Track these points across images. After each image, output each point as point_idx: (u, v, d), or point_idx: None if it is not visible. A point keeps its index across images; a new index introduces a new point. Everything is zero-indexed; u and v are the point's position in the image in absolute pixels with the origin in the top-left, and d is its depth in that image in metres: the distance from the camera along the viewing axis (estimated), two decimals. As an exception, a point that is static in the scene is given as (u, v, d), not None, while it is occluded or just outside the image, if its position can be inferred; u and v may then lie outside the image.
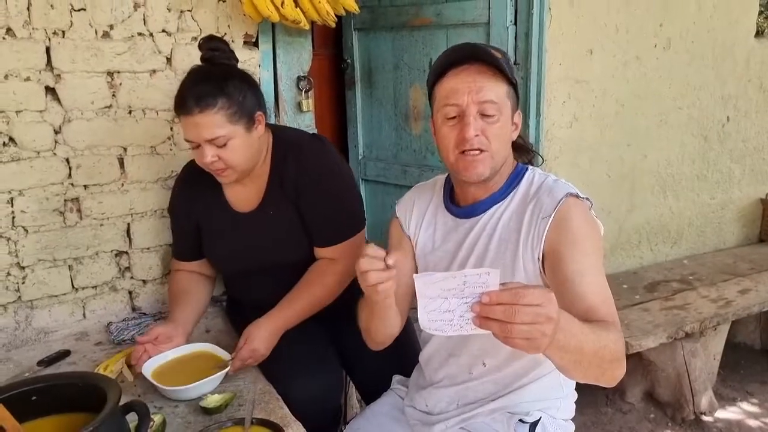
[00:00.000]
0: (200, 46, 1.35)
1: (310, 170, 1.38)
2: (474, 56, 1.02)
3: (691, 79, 2.63)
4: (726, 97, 2.76)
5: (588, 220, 1.04)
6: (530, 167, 1.15)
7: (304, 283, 1.41)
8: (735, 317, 2.27)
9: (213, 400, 1.18)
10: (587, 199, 1.07)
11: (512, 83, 1.05)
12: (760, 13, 2.78)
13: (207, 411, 1.16)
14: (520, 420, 1.12)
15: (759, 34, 2.79)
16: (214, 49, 1.33)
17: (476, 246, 1.11)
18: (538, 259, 1.03)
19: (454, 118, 1.03)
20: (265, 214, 1.42)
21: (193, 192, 1.45)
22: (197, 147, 1.28)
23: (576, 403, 1.22)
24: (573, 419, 1.21)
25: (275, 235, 1.43)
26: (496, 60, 1.01)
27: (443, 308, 0.75)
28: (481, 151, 1.02)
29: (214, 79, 1.26)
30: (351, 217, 1.44)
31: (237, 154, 1.28)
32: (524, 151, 1.20)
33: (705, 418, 2.20)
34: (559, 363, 0.83)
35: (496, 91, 1.02)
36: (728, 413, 2.27)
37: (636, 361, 2.22)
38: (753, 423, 2.22)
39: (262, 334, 1.34)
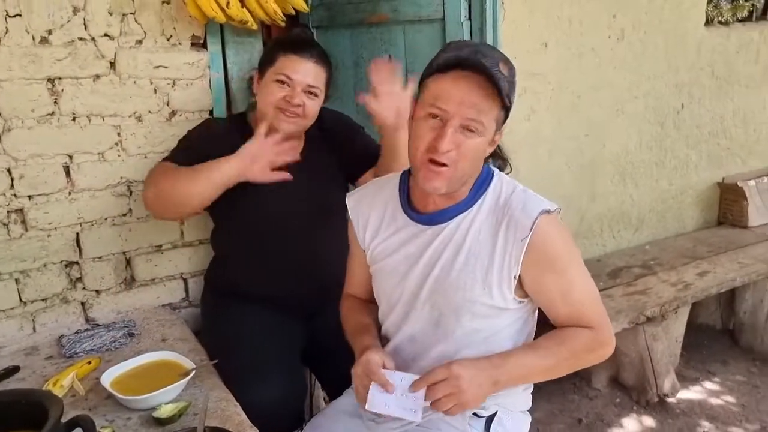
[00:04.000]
0: None
1: (340, 118, 1.66)
2: (481, 69, 0.97)
3: (645, 69, 2.69)
4: (680, 85, 2.83)
5: (562, 235, 1.06)
6: (496, 172, 1.13)
7: None
8: (694, 299, 2.34)
9: (166, 410, 1.16)
10: (557, 209, 1.07)
11: (505, 107, 1.02)
12: (709, 2, 2.85)
13: (160, 422, 1.14)
14: (475, 414, 1.13)
15: (709, 22, 2.87)
16: None
17: (442, 256, 1.08)
18: (515, 278, 1.05)
19: (436, 117, 1.01)
20: (309, 162, 1.51)
21: (230, 141, 1.44)
22: (284, 86, 1.42)
23: (543, 391, 1.24)
24: (538, 408, 1.22)
25: (320, 179, 1.55)
26: (500, 82, 0.97)
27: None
28: (446, 165, 1.01)
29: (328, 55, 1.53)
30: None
31: (315, 110, 1.48)
32: (497, 158, 1.18)
33: (668, 399, 2.26)
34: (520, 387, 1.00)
35: (486, 114, 1.00)
36: (691, 393, 2.33)
37: (600, 347, 2.26)
38: (714, 402, 2.29)
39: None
